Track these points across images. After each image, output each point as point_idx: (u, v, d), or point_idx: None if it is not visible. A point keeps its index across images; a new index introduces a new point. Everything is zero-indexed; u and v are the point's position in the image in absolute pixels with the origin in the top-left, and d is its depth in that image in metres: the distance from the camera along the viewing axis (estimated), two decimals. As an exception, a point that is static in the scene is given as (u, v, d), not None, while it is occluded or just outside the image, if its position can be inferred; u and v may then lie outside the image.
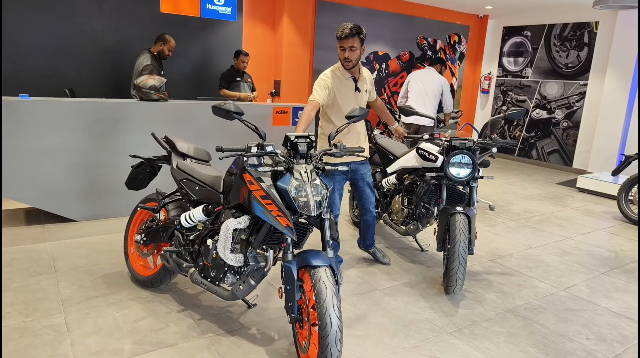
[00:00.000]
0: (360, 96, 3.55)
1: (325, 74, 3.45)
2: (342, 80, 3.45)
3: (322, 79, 3.41)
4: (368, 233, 3.90)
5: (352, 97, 3.49)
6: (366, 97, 3.63)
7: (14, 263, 3.58)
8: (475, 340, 2.86)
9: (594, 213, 5.95)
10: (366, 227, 3.88)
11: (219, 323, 2.88)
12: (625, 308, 3.41)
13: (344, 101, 3.46)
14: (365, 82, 3.58)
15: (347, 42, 3.27)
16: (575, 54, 8.61)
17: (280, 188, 2.35)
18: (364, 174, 3.65)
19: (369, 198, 3.73)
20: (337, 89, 3.43)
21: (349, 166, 3.54)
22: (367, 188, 3.70)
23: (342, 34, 3.25)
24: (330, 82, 3.39)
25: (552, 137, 9.09)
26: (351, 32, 3.23)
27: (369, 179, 3.70)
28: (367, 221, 3.85)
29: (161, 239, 3.10)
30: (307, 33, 7.65)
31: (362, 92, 3.54)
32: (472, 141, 3.56)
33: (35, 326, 2.75)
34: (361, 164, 3.63)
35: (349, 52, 3.29)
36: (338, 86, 3.43)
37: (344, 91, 3.46)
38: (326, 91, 3.37)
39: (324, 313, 2.19)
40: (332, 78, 3.42)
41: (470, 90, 10.41)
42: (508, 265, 4.10)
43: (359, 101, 3.54)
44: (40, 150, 4.25)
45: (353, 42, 3.26)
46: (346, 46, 3.28)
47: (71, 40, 5.90)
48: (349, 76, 3.46)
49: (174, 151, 3.16)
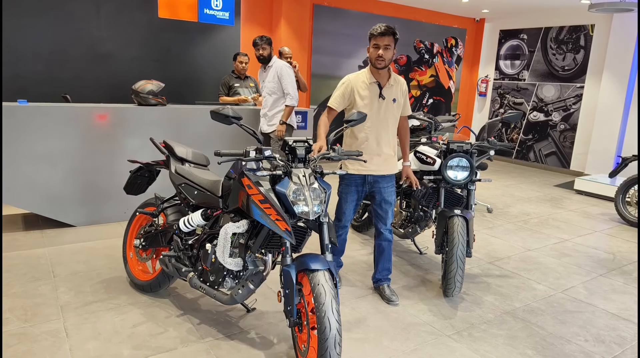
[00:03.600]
0: (385, 105, 3.19)
1: (347, 77, 3.24)
2: (365, 85, 3.17)
3: (341, 82, 3.22)
4: (379, 262, 3.42)
5: (375, 104, 3.17)
6: (396, 109, 3.24)
7: (12, 268, 3.57)
8: (473, 343, 2.87)
9: (592, 215, 5.97)
10: (378, 254, 3.42)
11: (218, 328, 2.88)
12: (624, 310, 3.42)
13: (366, 108, 3.15)
14: (394, 91, 3.21)
15: (382, 40, 3.02)
16: (572, 56, 8.66)
17: (279, 192, 2.36)
18: (382, 189, 3.27)
19: (383, 218, 3.31)
20: (359, 95, 3.17)
21: (364, 177, 3.25)
22: (385, 204, 3.29)
23: (379, 30, 3.02)
24: (349, 87, 3.18)
25: (549, 139, 9.12)
26: (387, 30, 3.02)
27: (388, 197, 3.29)
28: (380, 247, 3.39)
29: (160, 244, 3.10)
30: (304, 37, 7.67)
31: (387, 101, 3.19)
32: (469, 144, 3.58)
33: (34, 332, 2.74)
34: (381, 177, 3.26)
35: (383, 50, 3.03)
36: (360, 91, 3.17)
37: (367, 97, 3.16)
38: (342, 98, 3.19)
39: (323, 317, 2.19)
40: (353, 82, 3.19)
41: (468, 93, 10.45)
42: (506, 267, 4.11)
43: (384, 110, 3.19)
44: (38, 155, 4.25)
45: (389, 41, 3.03)
46: (381, 43, 3.03)
47: (69, 45, 5.92)
48: (374, 80, 3.16)
49: (172, 155, 3.16)
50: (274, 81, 4.86)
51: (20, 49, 5.63)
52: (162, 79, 5.37)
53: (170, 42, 6.60)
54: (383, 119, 3.20)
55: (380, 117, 3.19)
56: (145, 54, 6.46)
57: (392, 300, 3.32)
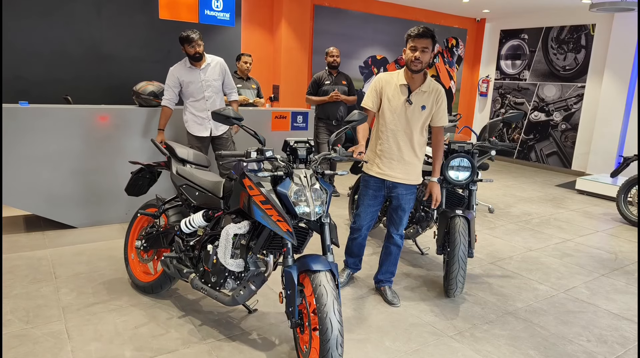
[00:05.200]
0: (412, 111, 3.05)
1: (379, 75, 3.14)
2: (395, 86, 3.07)
3: (374, 80, 3.14)
4: (384, 264, 3.38)
5: (400, 107, 3.05)
6: (423, 116, 3.08)
7: (14, 270, 3.57)
8: (476, 343, 2.87)
9: (593, 214, 5.96)
10: (384, 255, 3.37)
11: (220, 329, 2.88)
12: (626, 310, 3.41)
13: (391, 112, 3.07)
14: (425, 97, 3.06)
15: (421, 42, 2.90)
16: (573, 56, 8.65)
17: (280, 192, 2.36)
18: (400, 195, 3.18)
19: (396, 223, 3.25)
20: (386, 95, 3.09)
21: (383, 181, 3.17)
22: (400, 211, 3.22)
23: (417, 32, 2.90)
24: (380, 84, 3.10)
25: (550, 139, 9.11)
26: (426, 32, 2.90)
27: (404, 204, 3.20)
28: (387, 249, 3.35)
29: (161, 245, 3.10)
30: (305, 38, 7.67)
31: (415, 106, 3.04)
32: (470, 144, 3.57)
33: (36, 333, 2.74)
34: (400, 184, 3.16)
35: (420, 52, 2.91)
36: (388, 92, 3.08)
37: (394, 100, 3.06)
38: (376, 96, 3.11)
39: (325, 318, 2.19)
40: (384, 81, 3.10)
41: (469, 93, 10.44)
42: (508, 267, 4.11)
43: (409, 115, 3.05)
44: (40, 157, 4.25)
45: (427, 44, 2.91)
46: (419, 45, 2.90)
47: (70, 47, 5.92)
48: (404, 83, 3.04)
49: (173, 156, 3.16)
50: (220, 78, 4.54)
51: (21, 51, 5.64)
52: (163, 80, 5.36)
53: (171, 44, 6.59)
54: (407, 125, 3.07)
55: (404, 122, 3.07)
56: (146, 55, 6.47)
57: (394, 302, 3.30)
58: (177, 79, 4.42)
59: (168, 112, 4.47)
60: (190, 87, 4.42)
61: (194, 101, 4.47)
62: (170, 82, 4.44)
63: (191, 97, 4.46)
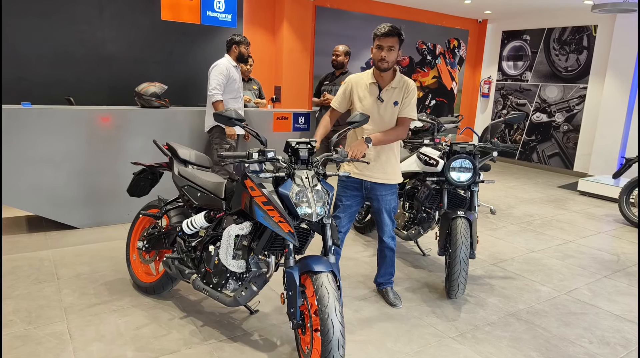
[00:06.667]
0: (385, 108, 3.06)
1: (349, 77, 3.17)
2: (365, 86, 3.09)
3: (344, 82, 3.17)
4: (381, 267, 3.37)
5: (373, 107, 3.06)
6: (396, 112, 3.08)
7: (16, 270, 3.58)
8: (477, 345, 2.86)
9: (596, 216, 5.95)
10: (380, 259, 3.37)
11: (221, 330, 2.88)
12: (628, 312, 3.41)
13: (363, 110, 3.06)
14: (396, 94, 3.06)
15: (387, 41, 2.91)
16: (575, 57, 8.64)
17: (282, 193, 2.36)
18: (380, 196, 3.15)
19: (384, 225, 3.22)
20: (357, 96, 3.10)
21: (361, 182, 3.14)
22: (384, 213, 3.18)
23: (383, 31, 2.92)
24: (350, 87, 3.13)
25: (552, 140, 9.10)
26: (392, 31, 2.91)
27: (387, 205, 3.17)
28: (382, 253, 3.33)
29: (163, 246, 3.10)
30: (306, 39, 7.68)
31: (387, 104, 3.05)
32: (472, 145, 3.57)
33: (38, 334, 2.75)
34: (378, 184, 3.13)
35: (386, 51, 2.92)
36: (359, 92, 3.10)
37: (366, 99, 3.08)
38: (343, 98, 3.14)
39: (326, 319, 2.19)
40: (354, 83, 3.12)
41: (470, 94, 10.44)
42: (510, 268, 4.10)
43: (382, 113, 3.06)
44: (42, 158, 4.27)
45: (393, 42, 2.92)
46: (385, 44, 2.91)
47: (72, 48, 5.94)
48: (374, 82, 3.07)
49: (175, 157, 3.17)
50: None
51: (23, 52, 5.65)
52: (165, 81, 5.39)
53: (173, 45, 6.62)
54: (380, 123, 3.07)
55: (378, 120, 3.07)
56: (148, 57, 6.48)
57: (396, 304, 3.30)
58: (229, 74, 4.61)
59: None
60: (233, 85, 4.67)
61: (232, 99, 4.65)
62: (223, 75, 4.57)
63: (230, 94, 4.63)
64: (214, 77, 4.56)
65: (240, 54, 4.74)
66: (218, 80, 4.54)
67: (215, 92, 4.52)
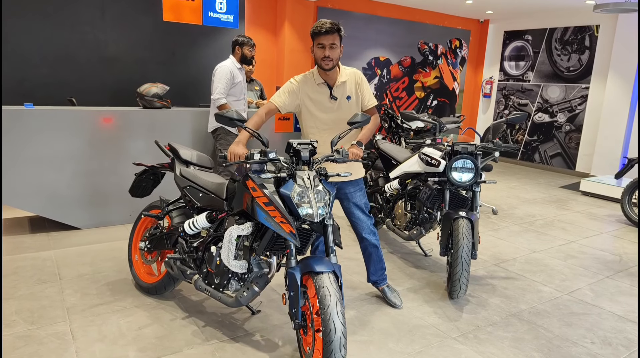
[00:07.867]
0: (339, 105, 3.01)
1: (294, 78, 3.05)
2: (314, 87, 3.00)
3: (289, 82, 3.04)
4: (369, 265, 3.31)
5: (328, 107, 3.01)
6: (354, 106, 3.05)
7: (19, 271, 3.59)
8: (479, 345, 2.86)
9: (598, 216, 5.94)
10: (366, 258, 3.30)
11: (223, 330, 2.89)
12: (630, 312, 3.40)
13: (320, 111, 3.01)
14: (347, 88, 3.02)
15: (327, 39, 2.83)
16: (577, 57, 8.63)
17: (283, 194, 2.36)
18: (348, 194, 3.11)
19: (359, 222, 3.17)
20: (309, 98, 3.01)
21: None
22: (356, 210, 3.15)
23: (322, 29, 2.81)
24: (297, 88, 3.01)
25: (554, 140, 9.09)
26: (332, 28, 2.82)
27: (357, 201, 3.13)
28: (366, 251, 3.27)
29: (165, 246, 3.11)
30: (308, 40, 7.65)
31: (341, 100, 3.01)
32: (474, 146, 3.57)
33: (40, 334, 2.76)
34: (344, 183, 3.09)
35: (329, 50, 2.84)
36: (309, 93, 3.01)
37: (318, 100, 3.01)
38: (288, 96, 3.00)
39: (328, 319, 2.19)
40: (301, 84, 3.02)
41: (472, 94, 10.43)
42: (512, 269, 4.10)
43: (338, 111, 3.03)
44: (45, 158, 4.28)
45: (334, 39, 2.84)
46: (326, 42, 2.83)
47: (74, 49, 5.95)
48: (322, 81, 2.99)
49: (177, 158, 3.18)
50: None
51: (26, 53, 5.67)
52: (167, 82, 5.40)
53: (174, 45, 6.63)
54: (338, 121, 3.01)
55: (335, 119, 3.01)
56: (150, 57, 6.49)
57: (395, 302, 3.29)
58: (232, 76, 4.57)
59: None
60: (237, 86, 4.65)
61: (236, 101, 4.64)
62: (227, 78, 4.54)
63: (234, 96, 4.61)
64: (217, 82, 4.56)
65: (243, 56, 4.74)
66: (221, 84, 4.54)
67: (219, 97, 4.53)
